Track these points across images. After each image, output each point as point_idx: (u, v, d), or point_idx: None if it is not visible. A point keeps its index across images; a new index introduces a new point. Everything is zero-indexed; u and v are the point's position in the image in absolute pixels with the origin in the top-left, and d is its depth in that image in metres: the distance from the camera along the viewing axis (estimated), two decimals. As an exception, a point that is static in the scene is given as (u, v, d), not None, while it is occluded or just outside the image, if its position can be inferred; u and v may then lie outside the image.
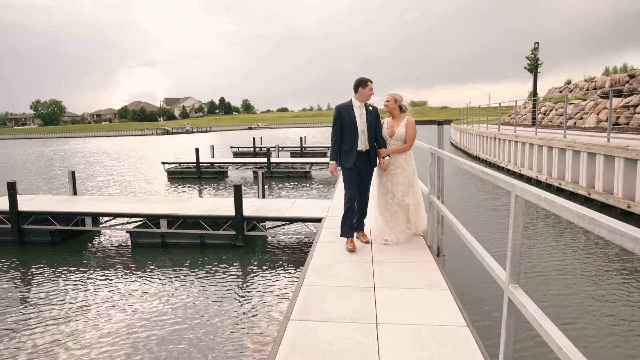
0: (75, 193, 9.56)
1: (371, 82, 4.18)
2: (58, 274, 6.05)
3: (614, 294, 4.87)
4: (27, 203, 8.20)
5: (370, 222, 4.59)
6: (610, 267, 5.75)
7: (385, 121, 4.38)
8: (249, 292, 5.30)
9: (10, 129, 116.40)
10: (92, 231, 7.97)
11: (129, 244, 7.40)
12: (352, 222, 4.26)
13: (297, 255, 6.61)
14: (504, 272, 2.03)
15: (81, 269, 6.25)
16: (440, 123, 4.19)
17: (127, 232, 7.58)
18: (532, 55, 25.71)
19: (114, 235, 7.99)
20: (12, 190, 7.59)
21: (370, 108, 4.19)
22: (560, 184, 10.59)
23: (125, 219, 7.67)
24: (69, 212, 7.62)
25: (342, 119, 4.11)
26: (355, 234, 4.37)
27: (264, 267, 6.10)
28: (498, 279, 2.10)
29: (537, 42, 25.97)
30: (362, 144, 4.14)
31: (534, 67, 25.58)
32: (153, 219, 7.25)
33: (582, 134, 12.96)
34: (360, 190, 4.28)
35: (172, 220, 7.16)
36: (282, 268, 6.04)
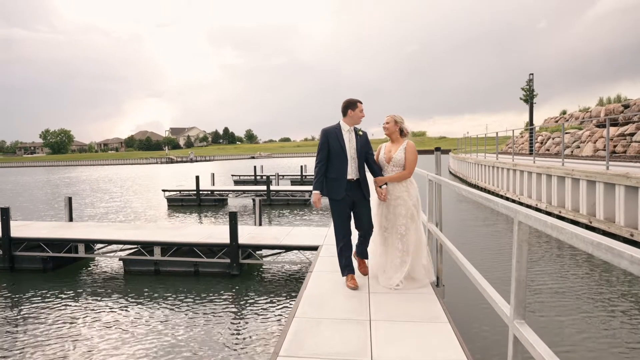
0: (71, 219, 9.43)
1: (361, 102, 3.78)
2: (48, 302, 5.86)
3: (633, 327, 4.64)
4: (20, 229, 8.07)
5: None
6: (620, 293, 5.54)
7: (383, 145, 4.00)
8: (240, 323, 5.08)
9: (19, 157, 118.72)
10: (85, 258, 7.79)
11: (122, 271, 7.21)
12: (350, 260, 3.85)
13: (292, 284, 6.41)
14: (508, 306, 1.90)
15: (72, 297, 6.06)
16: (438, 149, 4.11)
17: (120, 259, 7.40)
18: (528, 87, 26.28)
19: (107, 263, 7.81)
20: (5, 216, 7.48)
21: (360, 133, 3.81)
22: (560, 211, 10.48)
23: (119, 246, 7.51)
24: (61, 238, 7.47)
25: (330, 143, 3.69)
26: (355, 263, 3.98)
27: (258, 297, 5.90)
28: (502, 314, 1.96)
29: (532, 74, 26.61)
30: (353, 172, 3.73)
31: (529, 97, 26.08)
32: (147, 246, 7.10)
33: (580, 162, 12.98)
34: (362, 225, 3.83)
35: (166, 247, 7.00)
36: (276, 298, 5.83)
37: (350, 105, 3.74)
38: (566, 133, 18.55)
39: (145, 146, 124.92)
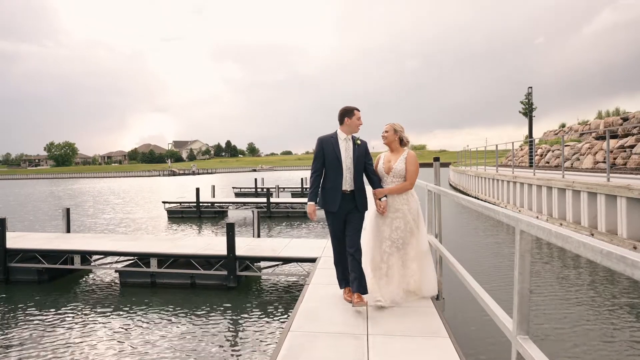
0: (68, 230, 9.34)
1: (358, 110, 3.60)
2: (43, 314, 5.76)
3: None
4: (15, 240, 7.98)
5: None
6: (628, 305, 5.40)
7: (382, 155, 3.82)
8: (236, 337, 4.97)
9: (23, 169, 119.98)
10: (81, 270, 7.68)
11: (118, 283, 7.10)
12: (347, 272, 3.68)
13: (290, 297, 6.29)
14: (510, 320, 1.82)
15: (67, 309, 5.95)
16: (437, 159, 4.06)
17: (115, 271, 7.30)
18: (527, 100, 26.45)
19: (103, 275, 7.70)
20: (1, 227, 7.40)
21: (359, 142, 3.62)
22: (561, 224, 10.38)
23: (116, 258, 7.41)
24: (57, 250, 7.38)
25: (325, 153, 3.51)
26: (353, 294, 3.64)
27: (255, 310, 5.78)
28: (504, 329, 1.88)
29: (531, 87, 26.84)
30: (347, 183, 3.51)
31: (528, 110, 26.23)
32: (143, 258, 7.00)
33: (580, 174, 12.94)
34: (350, 240, 3.51)
35: (163, 259, 6.90)
36: (273, 311, 5.72)
37: (346, 113, 3.57)
38: (566, 146, 18.56)
39: (148, 159, 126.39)
